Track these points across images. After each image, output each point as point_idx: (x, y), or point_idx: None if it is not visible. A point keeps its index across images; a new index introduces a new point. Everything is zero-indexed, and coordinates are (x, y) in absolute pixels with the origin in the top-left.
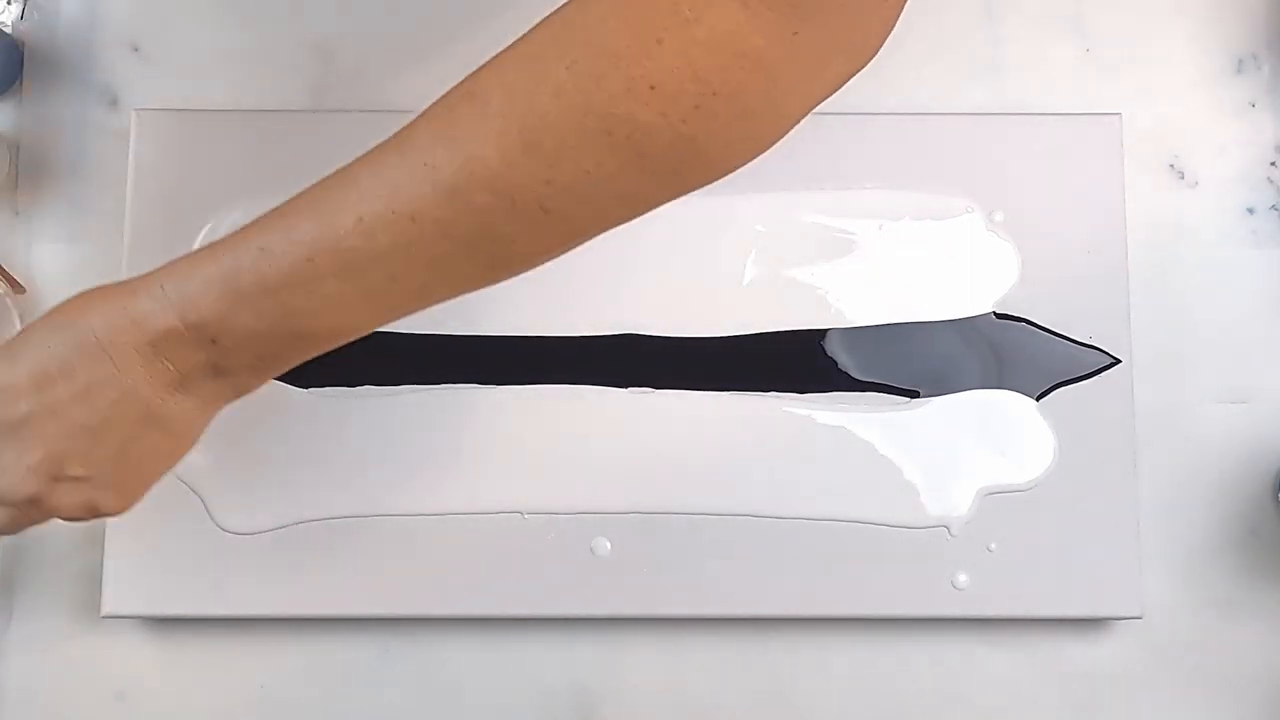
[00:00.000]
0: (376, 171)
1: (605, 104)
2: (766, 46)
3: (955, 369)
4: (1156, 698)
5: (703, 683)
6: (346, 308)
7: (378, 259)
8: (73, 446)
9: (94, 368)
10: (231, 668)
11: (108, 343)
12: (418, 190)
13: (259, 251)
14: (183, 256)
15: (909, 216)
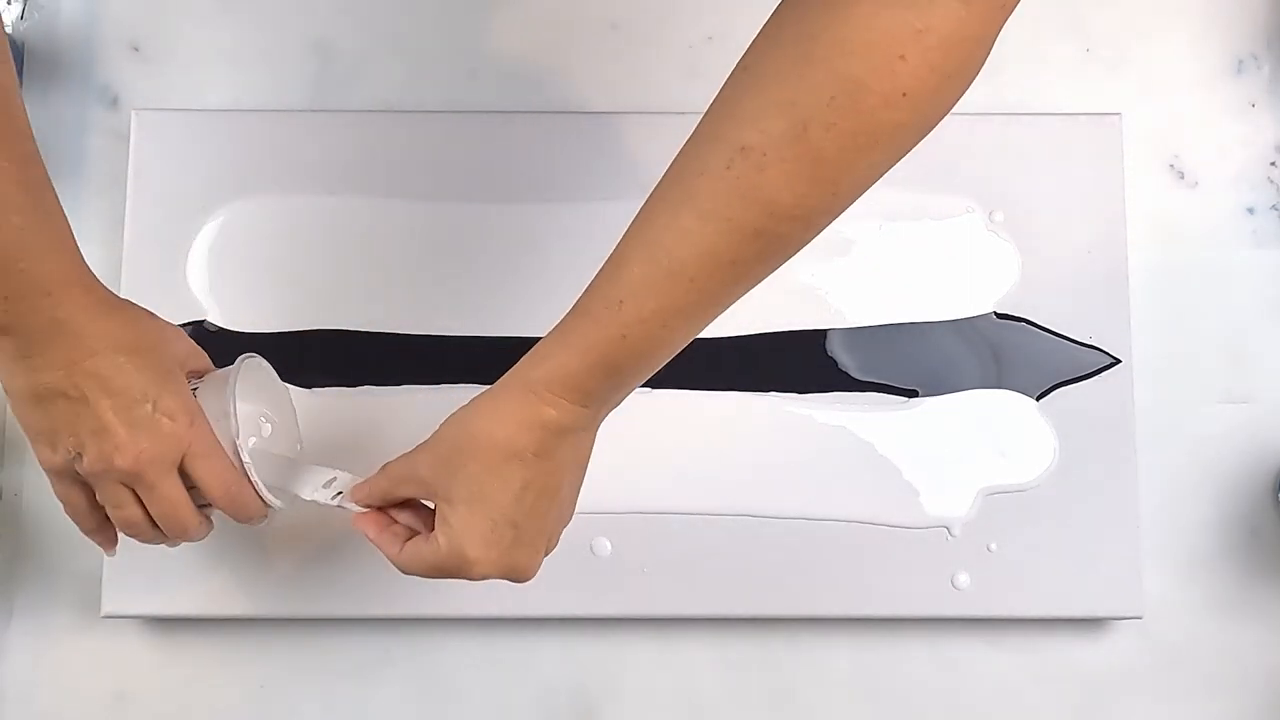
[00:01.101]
0: (684, 239)
1: (869, 122)
2: (984, 27)
3: (955, 369)
4: (1156, 698)
5: (703, 683)
6: (687, 340)
7: (711, 303)
8: (554, 530)
9: (544, 476)
10: (231, 668)
11: (541, 452)
12: (729, 241)
13: (622, 339)
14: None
15: (909, 216)
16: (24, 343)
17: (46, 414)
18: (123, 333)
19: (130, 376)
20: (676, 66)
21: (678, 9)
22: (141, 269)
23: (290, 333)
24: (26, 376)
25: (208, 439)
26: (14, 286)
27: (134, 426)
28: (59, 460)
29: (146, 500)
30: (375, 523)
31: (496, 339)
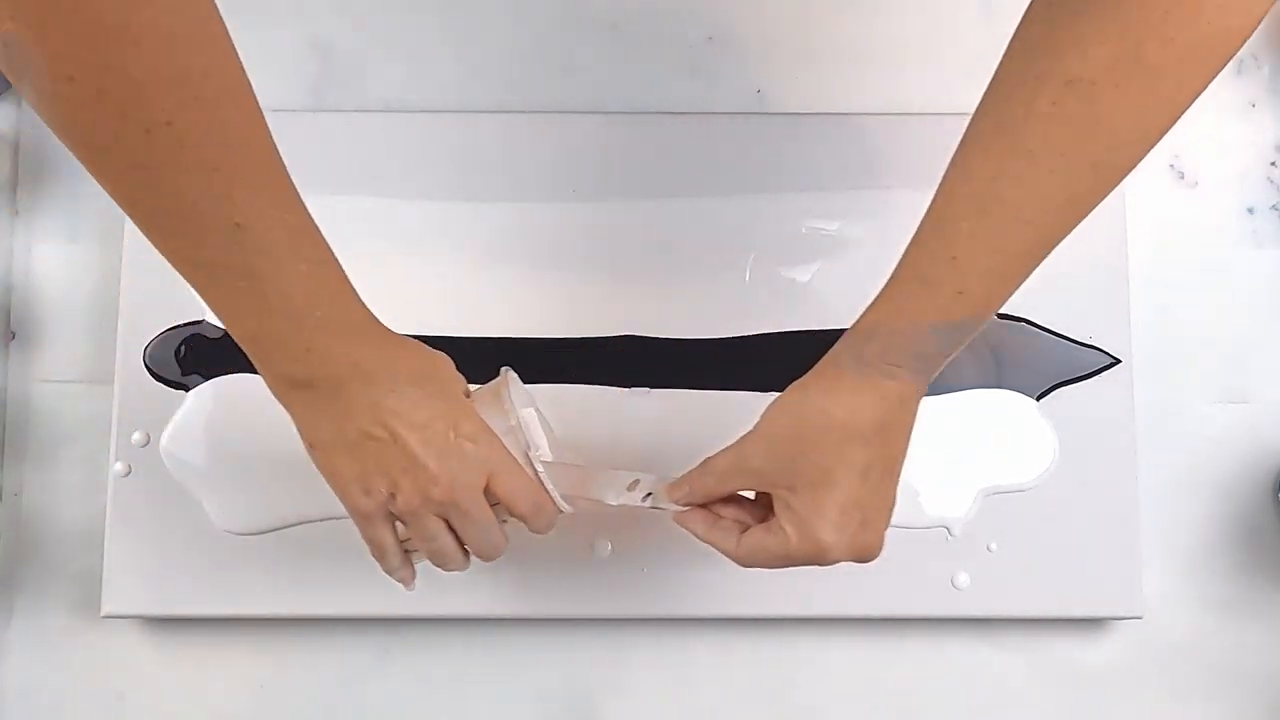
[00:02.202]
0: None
1: (1206, 30)
2: None
3: (955, 369)
4: (1156, 698)
5: (703, 683)
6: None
7: (1046, 244)
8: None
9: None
10: (231, 668)
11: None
12: (1064, 179)
13: (960, 296)
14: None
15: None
16: (329, 392)
17: (357, 459)
18: (410, 365)
19: (428, 408)
20: (676, 66)
21: (678, 9)
22: (142, 269)
23: None
24: (334, 425)
25: (507, 456)
26: (312, 337)
27: (442, 456)
28: (374, 504)
29: (460, 527)
30: (704, 519)
31: (497, 339)
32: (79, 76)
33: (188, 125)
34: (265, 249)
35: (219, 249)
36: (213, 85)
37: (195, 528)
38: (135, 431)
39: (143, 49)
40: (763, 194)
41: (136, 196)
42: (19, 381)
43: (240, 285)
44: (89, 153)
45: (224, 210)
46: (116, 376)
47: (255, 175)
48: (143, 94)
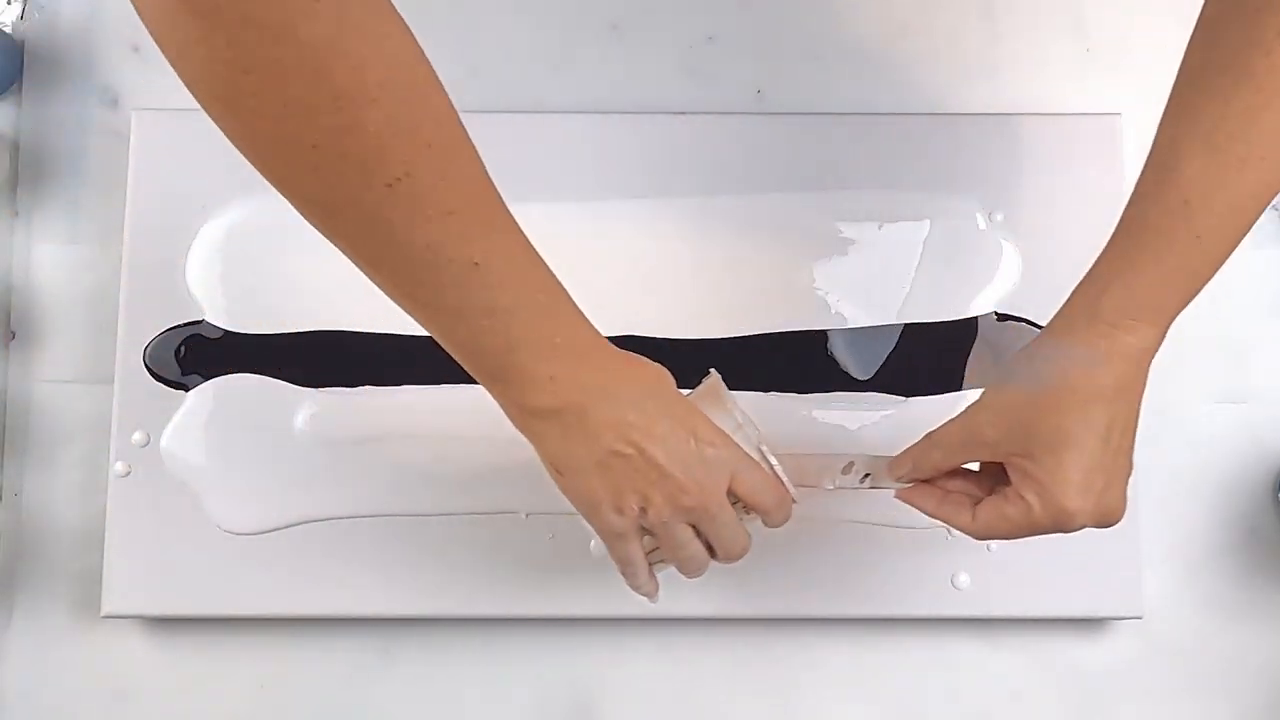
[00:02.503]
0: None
1: None
2: None
3: (955, 369)
4: (1156, 698)
5: (703, 683)
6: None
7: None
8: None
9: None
10: (231, 668)
11: (1121, 385)
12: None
13: (1197, 241)
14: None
15: (909, 216)
16: (574, 416)
17: (608, 478)
18: (641, 378)
19: (666, 419)
20: (676, 66)
21: (678, 9)
22: (141, 269)
23: (290, 333)
24: (584, 448)
25: (744, 456)
26: (554, 365)
27: (687, 465)
28: (627, 521)
29: (708, 532)
30: (933, 495)
31: None
32: (323, 143)
33: (424, 174)
34: (504, 284)
35: (461, 290)
36: (441, 131)
37: (195, 528)
38: (135, 431)
39: (380, 106)
40: (763, 194)
41: (379, 251)
42: (19, 381)
43: (483, 324)
44: (330, 213)
45: (463, 251)
46: (116, 376)
47: (485, 212)
48: (383, 150)
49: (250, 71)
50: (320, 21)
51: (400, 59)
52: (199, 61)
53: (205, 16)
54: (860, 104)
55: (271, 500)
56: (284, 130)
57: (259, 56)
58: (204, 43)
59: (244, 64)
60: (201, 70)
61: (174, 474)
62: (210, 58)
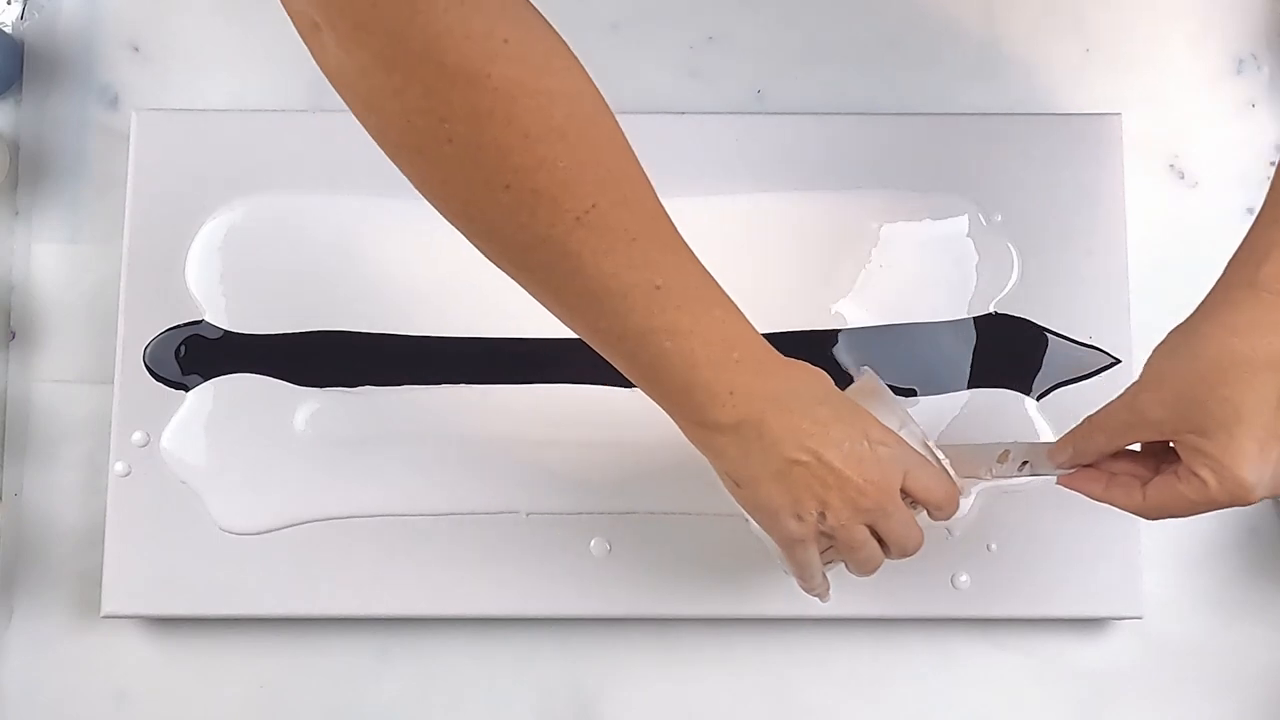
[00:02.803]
0: None
1: None
2: None
3: (955, 369)
4: (1156, 698)
5: (702, 683)
6: None
7: None
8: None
9: None
10: (231, 668)
11: None
12: None
13: None
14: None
15: (909, 216)
16: (753, 429)
17: (788, 487)
18: (810, 382)
19: (839, 424)
20: (676, 66)
21: (678, 9)
22: (141, 269)
23: (290, 334)
24: (763, 459)
25: (914, 454)
26: (733, 379)
27: (864, 467)
28: (806, 527)
29: (883, 531)
30: (1099, 479)
31: (497, 340)
32: (515, 182)
33: (609, 204)
34: (684, 304)
35: (645, 314)
36: (619, 158)
37: (195, 528)
38: (135, 431)
39: (567, 140)
40: (762, 194)
41: (566, 283)
42: (19, 381)
43: (666, 345)
44: (520, 252)
45: (646, 275)
46: (116, 376)
47: (664, 234)
48: (571, 183)
49: (446, 120)
50: (510, 63)
51: (579, 91)
52: (393, 113)
53: (401, 69)
54: (860, 104)
55: (271, 500)
56: (478, 173)
57: (455, 104)
58: (400, 95)
59: (441, 112)
60: (396, 121)
61: (174, 474)
62: (405, 109)
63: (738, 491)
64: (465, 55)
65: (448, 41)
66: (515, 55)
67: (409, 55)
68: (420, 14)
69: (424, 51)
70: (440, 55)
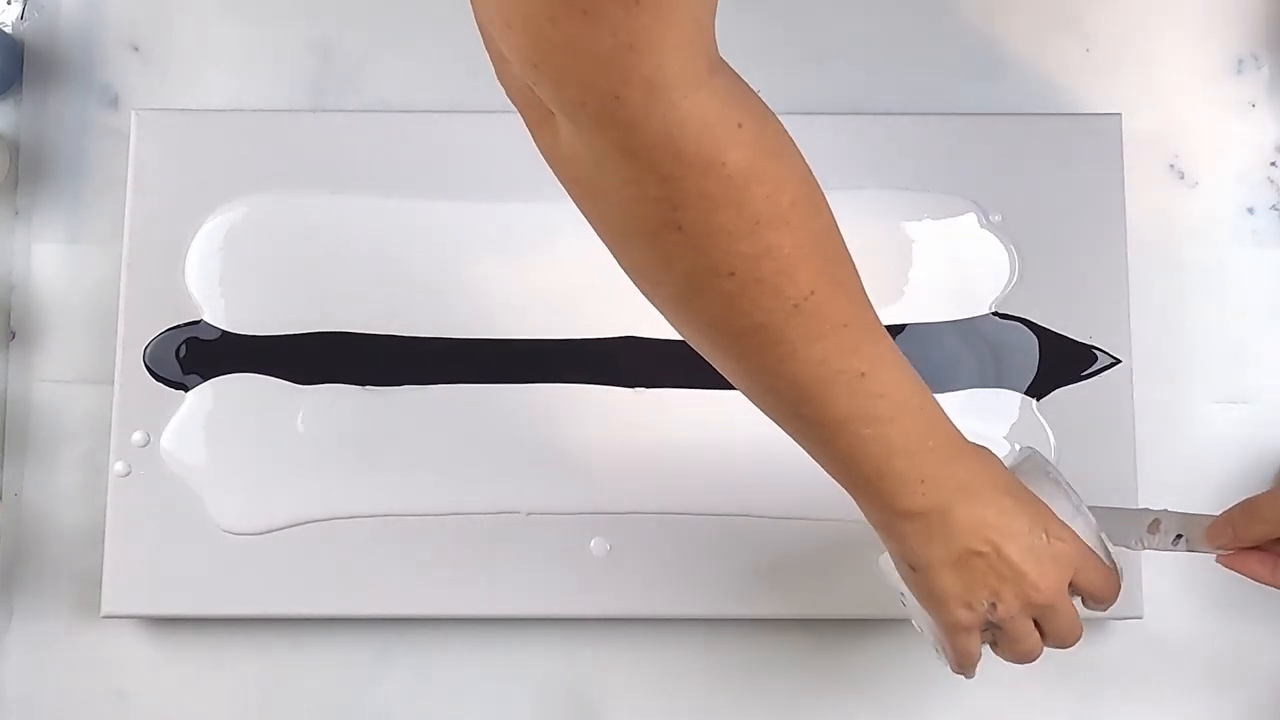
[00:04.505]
0: None
1: None
2: None
3: (955, 369)
4: (1156, 698)
5: (701, 683)
6: None
7: None
8: None
9: None
10: (231, 668)
11: None
12: None
13: None
14: None
15: (909, 216)
16: (939, 516)
17: (963, 576)
18: (996, 474)
19: (1020, 515)
20: None
21: None
22: (141, 269)
23: (291, 334)
24: (945, 546)
25: (1087, 550)
26: (925, 467)
27: (1040, 563)
28: (975, 617)
29: (1048, 625)
30: (1265, 562)
31: (497, 340)
32: (740, 269)
33: (825, 289)
34: (886, 391)
35: (847, 402)
36: (833, 243)
37: (195, 528)
38: (135, 431)
39: (792, 227)
40: None
41: (774, 369)
42: (19, 381)
43: (865, 433)
44: (732, 339)
45: (852, 363)
46: (116, 376)
47: (869, 320)
48: (794, 270)
49: (680, 207)
50: (744, 149)
51: (803, 176)
52: (623, 201)
53: (638, 157)
54: (860, 104)
55: (271, 500)
56: (702, 260)
57: (689, 190)
58: (635, 183)
59: (674, 200)
60: (627, 209)
61: (174, 474)
62: (639, 196)
63: (912, 576)
64: (703, 143)
65: (688, 130)
66: (748, 140)
67: (648, 144)
68: (661, 102)
69: (664, 140)
70: (679, 143)
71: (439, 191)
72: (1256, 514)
